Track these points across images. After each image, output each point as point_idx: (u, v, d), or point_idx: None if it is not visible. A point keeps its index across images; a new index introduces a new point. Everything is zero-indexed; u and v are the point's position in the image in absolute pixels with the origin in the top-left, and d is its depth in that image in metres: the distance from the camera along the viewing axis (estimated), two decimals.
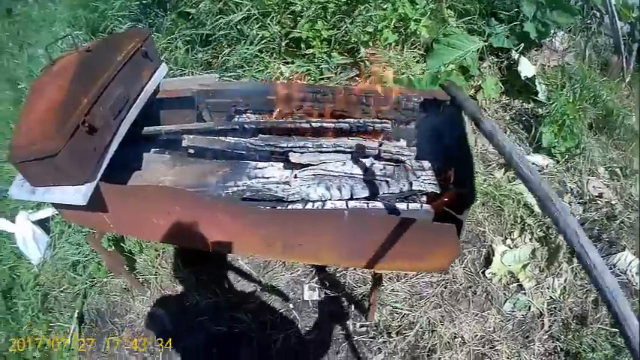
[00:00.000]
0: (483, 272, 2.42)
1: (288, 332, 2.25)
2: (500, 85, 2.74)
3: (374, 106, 2.00)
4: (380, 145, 1.93)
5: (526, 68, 2.75)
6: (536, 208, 2.53)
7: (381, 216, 1.73)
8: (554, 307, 2.31)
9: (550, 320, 2.28)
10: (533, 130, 2.61)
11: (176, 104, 2.33)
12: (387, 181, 1.85)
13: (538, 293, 2.38)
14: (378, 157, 1.94)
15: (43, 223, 2.80)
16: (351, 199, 1.84)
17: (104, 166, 1.93)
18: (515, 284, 2.40)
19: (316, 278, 2.37)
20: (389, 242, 1.70)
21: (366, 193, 1.84)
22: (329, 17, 2.56)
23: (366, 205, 1.80)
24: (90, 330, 2.52)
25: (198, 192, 2.00)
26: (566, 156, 2.60)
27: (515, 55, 2.78)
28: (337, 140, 1.95)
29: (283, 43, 2.64)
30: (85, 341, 2.49)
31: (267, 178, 1.95)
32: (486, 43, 2.78)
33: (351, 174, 1.87)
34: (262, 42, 2.65)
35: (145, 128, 2.24)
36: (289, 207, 1.81)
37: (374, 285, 2.03)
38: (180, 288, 2.42)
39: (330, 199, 1.83)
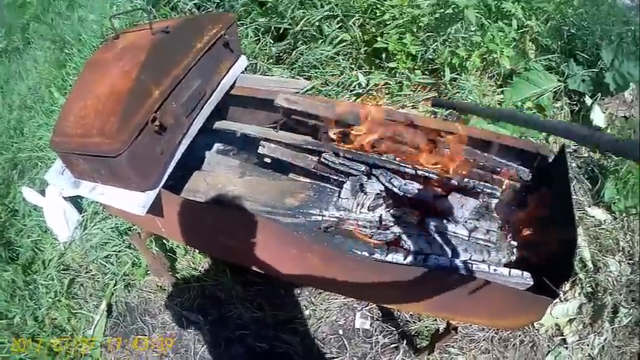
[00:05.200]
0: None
1: None
2: None
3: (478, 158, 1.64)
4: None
5: (598, 117, 2.44)
6: (590, 263, 2.28)
7: (489, 284, 1.41)
8: None
9: None
10: (599, 183, 2.33)
11: (250, 103, 1.90)
12: (489, 249, 1.53)
13: (578, 349, 2.17)
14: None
15: (75, 200, 2.34)
16: (452, 257, 1.50)
17: (169, 172, 1.52)
18: (559, 337, 2.17)
19: (370, 307, 2.05)
20: (482, 303, 1.42)
21: (467, 257, 1.51)
22: (417, 32, 2.14)
23: (470, 265, 1.48)
24: (116, 324, 2.14)
25: (271, 213, 1.62)
26: (624, 214, 2.34)
27: (588, 101, 2.46)
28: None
29: (362, 50, 2.21)
30: (111, 336, 2.12)
31: (362, 206, 1.58)
32: (563, 84, 2.44)
33: (454, 232, 1.53)
34: (341, 45, 2.22)
35: (218, 123, 1.82)
36: (389, 257, 1.45)
37: (446, 333, 1.72)
38: (223, 296, 2.05)
39: (430, 254, 1.48)
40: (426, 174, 1.57)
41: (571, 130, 0.67)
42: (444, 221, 1.57)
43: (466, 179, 1.59)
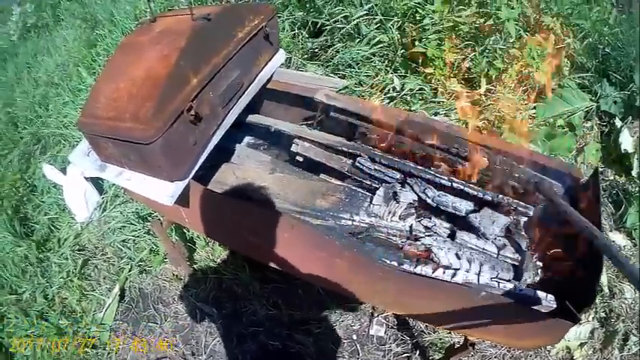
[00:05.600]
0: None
1: None
2: (600, 151, 2.37)
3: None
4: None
5: (627, 141, 2.38)
6: (606, 288, 2.23)
7: (513, 304, 1.37)
8: None
9: None
10: (623, 207, 2.28)
11: (284, 98, 1.85)
12: (516, 268, 1.48)
13: None
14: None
15: (96, 181, 2.30)
16: (479, 274, 1.45)
17: (200, 163, 1.48)
18: None
19: (385, 314, 2.01)
20: (503, 322, 1.37)
21: (494, 274, 1.46)
22: (457, 39, 2.09)
23: (497, 283, 1.43)
24: (128, 309, 2.10)
25: (301, 213, 1.57)
26: None
27: (618, 123, 2.40)
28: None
29: (399, 53, 2.15)
30: (121, 320, 2.08)
31: (393, 215, 1.53)
32: (595, 104, 2.39)
33: (484, 249, 1.48)
34: (378, 46, 2.16)
35: (251, 116, 1.77)
36: (418, 269, 1.41)
37: (463, 348, 1.68)
38: (239, 291, 2.00)
39: (459, 269, 1.44)
40: (462, 187, 1.52)
41: None
42: (474, 236, 1.53)
43: (500, 196, 1.55)
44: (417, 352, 1.94)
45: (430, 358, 1.92)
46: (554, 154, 2.21)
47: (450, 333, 1.97)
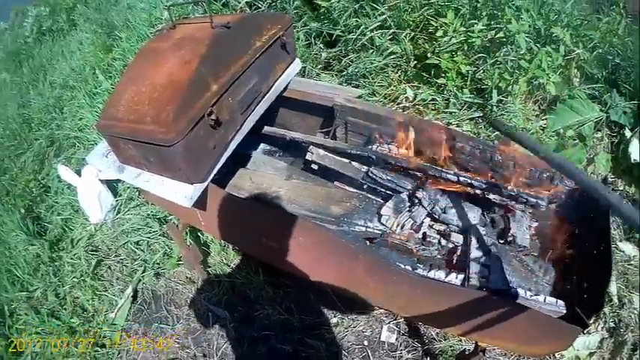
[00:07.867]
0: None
1: None
2: (611, 162, 2.43)
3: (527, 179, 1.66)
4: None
5: (636, 151, 2.44)
6: (615, 298, 2.28)
7: (525, 309, 1.42)
8: None
9: None
10: None
11: (301, 107, 1.92)
12: (527, 273, 1.54)
13: None
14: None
15: (111, 184, 2.37)
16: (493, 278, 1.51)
17: (218, 167, 1.54)
18: None
19: (397, 320, 2.06)
20: (514, 328, 1.42)
21: (502, 278, 1.52)
22: (470, 51, 2.16)
23: (509, 289, 1.49)
24: (140, 310, 2.16)
25: (316, 219, 1.64)
26: None
27: (627, 133, 2.47)
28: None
29: (412, 64, 2.22)
30: (133, 321, 2.14)
31: (402, 227, 1.59)
32: (605, 115, 2.45)
33: (497, 253, 1.54)
34: (391, 57, 2.23)
35: (267, 128, 1.84)
36: (431, 273, 1.47)
37: (474, 354, 1.73)
38: (252, 295, 2.05)
39: (471, 274, 1.50)
40: (468, 180, 1.57)
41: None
42: (486, 240, 1.58)
43: (510, 187, 1.60)
44: (428, 359, 1.98)
45: None
46: None
47: (460, 340, 2.02)
